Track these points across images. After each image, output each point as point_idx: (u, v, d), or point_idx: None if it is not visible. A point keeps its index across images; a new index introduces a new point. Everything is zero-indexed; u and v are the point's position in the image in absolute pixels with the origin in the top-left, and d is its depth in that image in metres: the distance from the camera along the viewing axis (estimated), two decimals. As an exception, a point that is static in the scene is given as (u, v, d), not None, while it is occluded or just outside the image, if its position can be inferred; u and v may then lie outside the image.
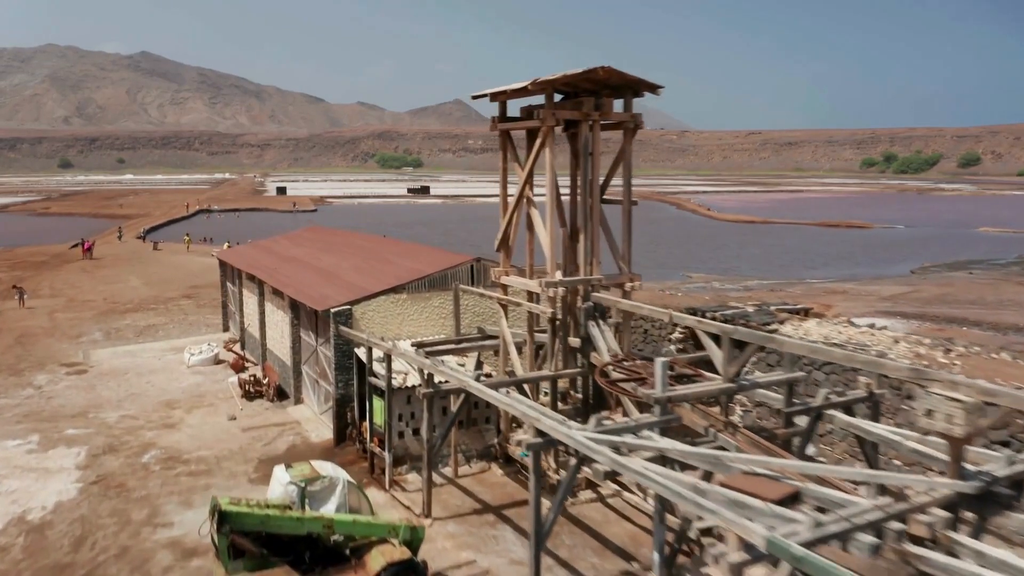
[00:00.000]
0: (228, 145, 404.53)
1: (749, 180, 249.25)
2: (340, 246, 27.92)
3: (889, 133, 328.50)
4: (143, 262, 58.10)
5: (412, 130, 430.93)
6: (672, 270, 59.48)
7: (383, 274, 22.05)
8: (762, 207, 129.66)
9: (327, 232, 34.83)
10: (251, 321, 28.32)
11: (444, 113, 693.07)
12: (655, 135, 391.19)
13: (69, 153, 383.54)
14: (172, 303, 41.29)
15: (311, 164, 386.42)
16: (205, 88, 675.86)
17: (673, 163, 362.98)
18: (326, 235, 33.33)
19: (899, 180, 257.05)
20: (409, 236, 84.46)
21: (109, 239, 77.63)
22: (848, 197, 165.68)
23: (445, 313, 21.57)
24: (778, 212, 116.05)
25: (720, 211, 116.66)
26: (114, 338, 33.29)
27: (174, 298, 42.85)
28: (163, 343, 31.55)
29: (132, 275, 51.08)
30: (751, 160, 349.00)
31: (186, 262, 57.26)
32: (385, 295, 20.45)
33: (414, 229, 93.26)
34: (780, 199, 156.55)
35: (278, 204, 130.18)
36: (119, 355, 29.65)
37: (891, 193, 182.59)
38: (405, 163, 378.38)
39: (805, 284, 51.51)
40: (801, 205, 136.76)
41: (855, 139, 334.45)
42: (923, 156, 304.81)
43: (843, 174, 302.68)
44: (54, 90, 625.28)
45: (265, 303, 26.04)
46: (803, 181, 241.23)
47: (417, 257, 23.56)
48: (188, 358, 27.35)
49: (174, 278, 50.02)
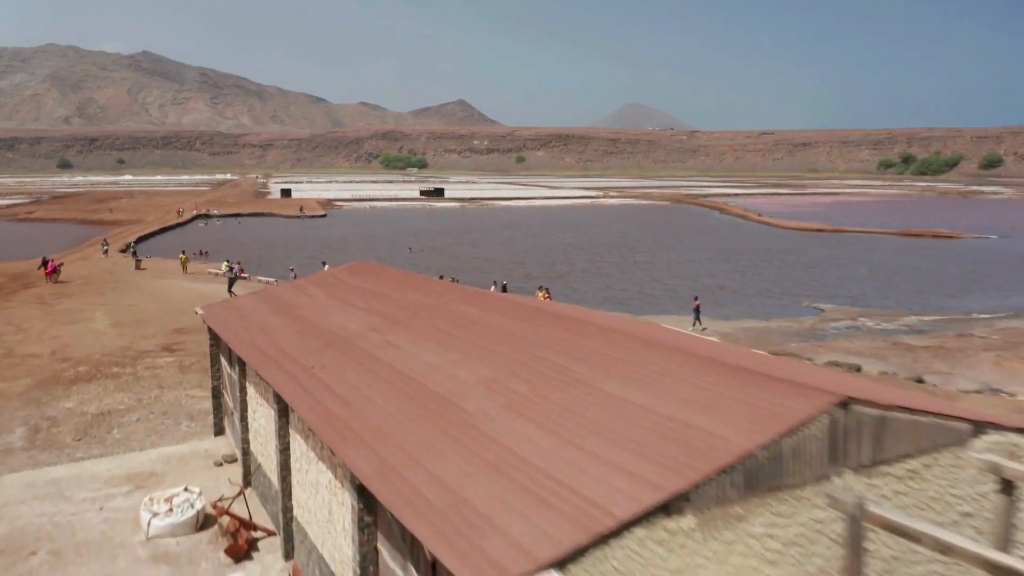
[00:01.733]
0: (230, 145, 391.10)
1: (770, 181, 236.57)
2: (434, 316, 13.47)
3: (906, 134, 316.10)
4: (119, 288, 45.24)
5: (416, 130, 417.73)
6: (786, 299, 46.75)
7: (613, 443, 7.84)
8: (809, 212, 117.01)
9: (389, 279, 19.56)
10: (262, 448, 15.79)
11: (447, 113, 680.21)
12: (665, 135, 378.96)
13: (68, 153, 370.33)
14: (145, 361, 28.54)
15: (314, 164, 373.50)
16: (207, 88, 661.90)
17: (684, 164, 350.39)
18: (390, 284, 18.25)
19: (926, 182, 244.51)
20: (434, 249, 71.54)
21: (89, 253, 64.73)
22: (892, 201, 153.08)
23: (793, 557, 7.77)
24: (831, 218, 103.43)
25: (771, 217, 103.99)
26: (42, 442, 20.56)
27: (149, 351, 30.09)
28: (115, 463, 18.74)
29: (100, 310, 38.28)
30: (764, 161, 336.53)
31: (172, 289, 44.38)
32: (645, 525, 6.79)
33: (438, 240, 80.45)
34: (822, 202, 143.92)
35: (283, 208, 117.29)
36: (34, 495, 16.91)
37: (932, 197, 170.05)
38: (410, 163, 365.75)
39: (985, 323, 38.85)
40: (850, 210, 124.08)
41: (871, 140, 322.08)
42: (943, 157, 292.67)
43: (859, 175, 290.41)
44: (55, 90, 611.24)
45: (293, 438, 13.55)
46: (828, 183, 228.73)
47: (673, 379, 9.09)
48: (148, 521, 14.74)
49: (155, 315, 37.22)
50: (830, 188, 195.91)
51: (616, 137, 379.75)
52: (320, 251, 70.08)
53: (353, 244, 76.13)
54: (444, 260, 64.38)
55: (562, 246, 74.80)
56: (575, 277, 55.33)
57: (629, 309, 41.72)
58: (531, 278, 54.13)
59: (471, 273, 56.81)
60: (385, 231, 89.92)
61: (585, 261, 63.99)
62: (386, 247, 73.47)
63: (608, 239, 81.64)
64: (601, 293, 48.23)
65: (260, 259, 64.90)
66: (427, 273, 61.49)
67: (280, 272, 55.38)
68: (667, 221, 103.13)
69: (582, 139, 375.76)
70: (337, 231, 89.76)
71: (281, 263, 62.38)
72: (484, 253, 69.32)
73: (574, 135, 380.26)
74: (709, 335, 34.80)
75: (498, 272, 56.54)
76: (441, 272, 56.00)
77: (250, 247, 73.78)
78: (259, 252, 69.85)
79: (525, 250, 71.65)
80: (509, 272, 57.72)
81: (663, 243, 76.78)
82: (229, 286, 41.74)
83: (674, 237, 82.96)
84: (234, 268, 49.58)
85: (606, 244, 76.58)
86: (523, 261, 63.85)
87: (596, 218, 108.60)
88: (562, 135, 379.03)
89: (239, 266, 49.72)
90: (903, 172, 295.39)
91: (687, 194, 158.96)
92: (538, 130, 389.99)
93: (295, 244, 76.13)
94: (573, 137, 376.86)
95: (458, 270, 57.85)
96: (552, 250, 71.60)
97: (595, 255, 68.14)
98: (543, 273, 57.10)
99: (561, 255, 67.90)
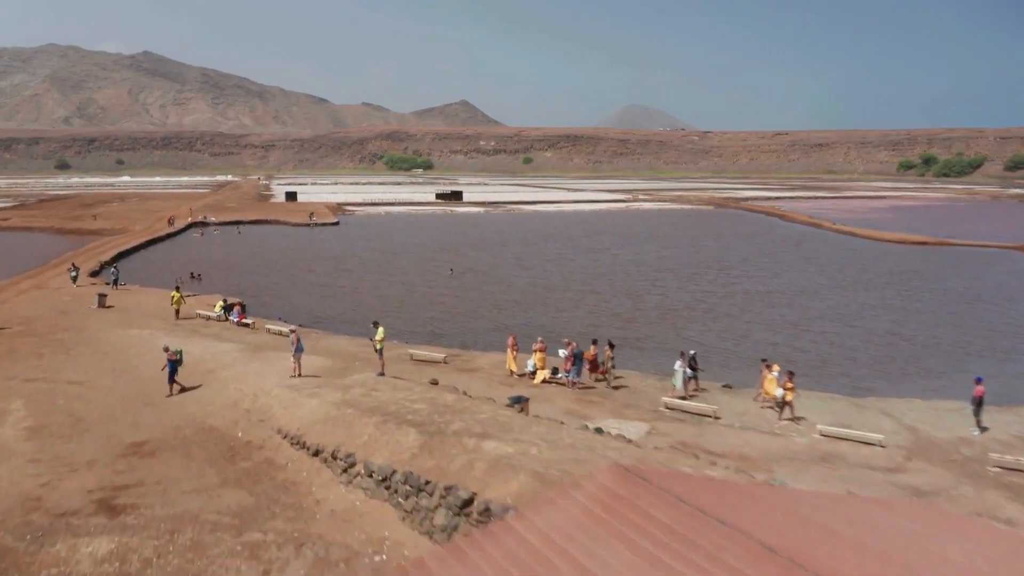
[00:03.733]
0: (231, 146, 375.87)
1: (794, 183, 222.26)
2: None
3: (926, 134, 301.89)
4: (67, 344, 31.00)
5: (421, 130, 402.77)
6: (978, 360, 32.64)
7: None
8: (875, 219, 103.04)
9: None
10: None
11: (450, 114, 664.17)
12: (676, 136, 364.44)
13: (67, 154, 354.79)
14: (55, 551, 14.37)
15: (317, 165, 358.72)
16: (208, 88, 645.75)
17: (696, 165, 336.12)
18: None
19: (963, 184, 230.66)
20: (476, 271, 55.80)
21: (48, 278, 50.38)
22: (948, 206, 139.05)
23: None
24: (913, 226, 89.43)
25: (842, 224, 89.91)
26: None
27: (72, 514, 15.98)
28: None
29: (20, 394, 24.13)
30: (780, 162, 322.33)
31: (144, 348, 30.08)
32: None
33: (474, 256, 66.16)
34: (876, 207, 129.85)
35: (289, 214, 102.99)
36: None
37: (984, 201, 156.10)
38: (415, 164, 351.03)
39: None
40: (917, 217, 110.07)
41: (889, 140, 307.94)
42: (966, 159, 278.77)
43: (879, 177, 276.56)
44: (55, 90, 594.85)
45: None
46: (860, 185, 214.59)
47: None
48: None
49: (104, 409, 23.11)
50: (867, 191, 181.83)
51: (626, 138, 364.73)
52: (339, 273, 55.95)
53: (375, 262, 61.95)
54: (494, 287, 50.22)
55: (629, 265, 60.76)
56: (685, 319, 41.12)
57: (831, 387, 27.62)
58: (627, 321, 39.93)
59: (539, 310, 42.63)
60: (409, 243, 75.77)
61: (678, 289, 49.85)
62: (416, 267, 59.31)
63: (680, 255, 67.52)
64: (747, 349, 33.96)
65: (266, 286, 50.65)
66: (487, 307, 45.89)
67: (297, 310, 41.28)
68: (731, 231, 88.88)
69: (591, 139, 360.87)
70: (353, 243, 75.59)
71: (295, 292, 48.22)
72: (538, 276, 55.11)
73: (583, 135, 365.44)
74: (1000, 438, 20.83)
75: (571, 304, 42.53)
76: (509, 327, 41.95)
77: (253, 267, 59.54)
78: (264, 274, 55.56)
79: (586, 271, 57.57)
80: (586, 306, 43.58)
81: (755, 262, 62.57)
82: (171, 374, 23.63)
83: (761, 253, 68.84)
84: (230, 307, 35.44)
85: (684, 263, 62.47)
86: (594, 288, 49.82)
87: (642, 226, 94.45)
88: (571, 135, 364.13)
89: (240, 307, 35.52)
90: (924, 173, 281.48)
91: (725, 198, 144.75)
92: (546, 130, 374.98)
93: (306, 260, 61.97)
94: (582, 137, 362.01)
95: (522, 305, 43.72)
96: (622, 272, 57.55)
97: (682, 278, 54.02)
98: (632, 309, 42.93)
99: (639, 279, 53.82)
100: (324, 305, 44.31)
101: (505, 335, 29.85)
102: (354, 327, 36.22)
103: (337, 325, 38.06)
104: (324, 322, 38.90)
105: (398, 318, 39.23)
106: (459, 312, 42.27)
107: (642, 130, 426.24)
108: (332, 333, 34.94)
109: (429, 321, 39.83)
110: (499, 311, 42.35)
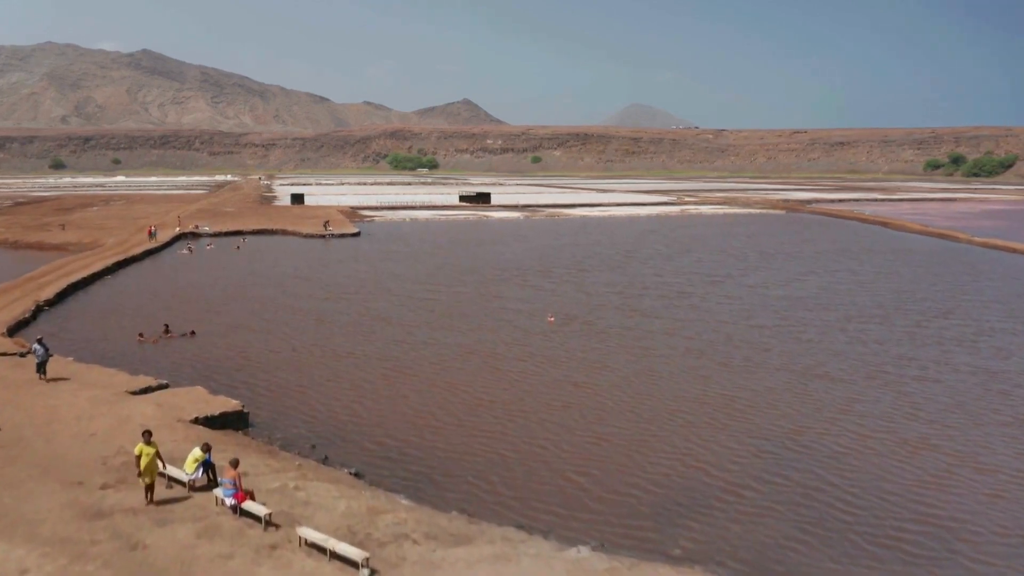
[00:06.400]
0: (231, 145, 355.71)
1: (828, 184, 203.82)
2: None
3: (953, 132, 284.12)
4: None
5: (426, 129, 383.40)
6: None
7: None
8: (979, 225, 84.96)
9: None
10: None
11: (452, 113, 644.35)
12: (690, 134, 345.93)
13: (62, 153, 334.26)
14: None
15: (319, 165, 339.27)
16: (207, 87, 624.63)
17: (712, 164, 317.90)
18: None
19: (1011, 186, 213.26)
20: (573, 317, 34.23)
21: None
22: (1011, 210, 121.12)
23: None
24: (995, 232, 71.44)
25: (989, 239, 71.77)
26: None
27: None
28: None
29: None
30: (799, 161, 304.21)
31: None
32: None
33: (550, 284, 47.23)
34: (965, 211, 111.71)
35: (299, 222, 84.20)
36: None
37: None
38: (420, 164, 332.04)
39: None
40: (1015, 221, 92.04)
41: (913, 139, 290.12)
42: (996, 157, 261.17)
43: (909, 177, 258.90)
44: (52, 89, 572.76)
45: None
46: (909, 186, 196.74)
47: None
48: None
49: None
50: (919, 193, 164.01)
51: (638, 136, 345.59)
52: (377, 323, 36.34)
53: (419, 298, 43.10)
54: (613, 340, 31.38)
55: (797, 310, 42.29)
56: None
57: None
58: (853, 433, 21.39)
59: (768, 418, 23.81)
60: (455, 264, 57.01)
61: (860, 347, 31.41)
62: (482, 306, 40.57)
63: (842, 289, 49.08)
64: None
65: (276, 362, 31.28)
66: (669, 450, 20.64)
67: (336, 422, 22.01)
68: (849, 247, 70.17)
69: (602, 138, 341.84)
70: (384, 263, 56.74)
71: (323, 373, 28.61)
72: (685, 333, 36.32)
73: (593, 134, 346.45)
74: None
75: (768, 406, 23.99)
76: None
77: (255, 308, 40.04)
78: (273, 328, 36.16)
79: (750, 322, 39.12)
80: (834, 408, 24.79)
81: (916, 296, 44.27)
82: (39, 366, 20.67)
83: (910, 279, 50.76)
84: (211, 465, 16.81)
85: (865, 309, 44.01)
86: (767, 345, 31.48)
87: (731, 238, 75.98)
88: (580, 134, 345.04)
89: (235, 474, 16.63)
90: (952, 173, 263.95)
91: (784, 200, 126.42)
92: (555, 129, 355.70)
93: (332, 296, 43.02)
94: (592, 136, 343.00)
95: (699, 407, 24.78)
96: (798, 322, 39.06)
97: (848, 322, 35.57)
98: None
99: (844, 339, 35.37)
100: (379, 408, 25.63)
101: None
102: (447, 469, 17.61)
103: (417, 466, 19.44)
104: (394, 462, 20.19)
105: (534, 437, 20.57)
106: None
107: (654, 129, 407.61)
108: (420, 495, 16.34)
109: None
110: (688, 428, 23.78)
